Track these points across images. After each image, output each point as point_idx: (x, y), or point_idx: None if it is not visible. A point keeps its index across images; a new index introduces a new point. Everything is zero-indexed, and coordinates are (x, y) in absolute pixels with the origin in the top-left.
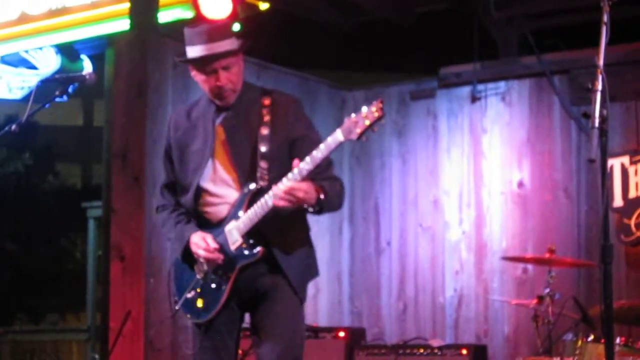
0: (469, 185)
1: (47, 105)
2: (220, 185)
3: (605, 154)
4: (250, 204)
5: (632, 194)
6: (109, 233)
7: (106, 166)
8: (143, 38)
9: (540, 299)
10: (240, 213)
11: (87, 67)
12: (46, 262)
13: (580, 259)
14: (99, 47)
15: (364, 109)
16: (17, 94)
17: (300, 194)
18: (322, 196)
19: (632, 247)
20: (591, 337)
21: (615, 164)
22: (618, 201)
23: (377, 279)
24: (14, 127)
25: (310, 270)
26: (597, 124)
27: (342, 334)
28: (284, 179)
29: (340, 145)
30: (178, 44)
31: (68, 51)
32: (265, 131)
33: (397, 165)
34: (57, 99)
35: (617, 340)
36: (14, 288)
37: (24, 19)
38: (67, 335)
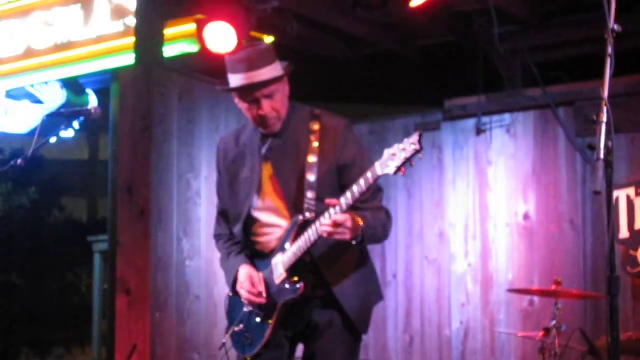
0: (474, 218)
1: (53, 140)
2: (269, 215)
3: (610, 186)
4: (297, 236)
5: (638, 225)
6: (114, 267)
7: (112, 200)
8: (148, 72)
9: (547, 331)
10: (287, 246)
11: (93, 101)
12: (52, 296)
13: (587, 290)
14: (104, 82)
15: (403, 141)
16: (23, 129)
17: (348, 224)
18: (362, 226)
19: (638, 279)
20: None
21: (620, 195)
22: (624, 233)
23: (384, 311)
24: (20, 161)
25: (371, 296)
26: (602, 156)
27: None
28: (326, 213)
29: (379, 179)
30: (183, 77)
31: (73, 85)
32: (312, 159)
33: (403, 198)
34: (63, 134)
35: None
36: (19, 322)
37: (29, 53)
38: None
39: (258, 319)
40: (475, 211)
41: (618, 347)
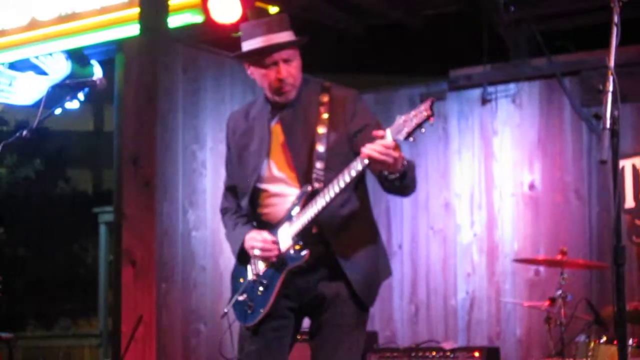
0: (480, 188)
1: (57, 111)
2: (278, 185)
3: (616, 155)
4: (305, 205)
5: None
6: (120, 238)
7: (117, 171)
8: (153, 43)
9: (553, 301)
10: (294, 214)
11: (97, 72)
12: (58, 268)
13: (592, 260)
14: (109, 53)
15: (415, 109)
16: (28, 100)
17: (394, 154)
18: (405, 162)
19: None
20: (604, 339)
21: (626, 165)
22: (629, 202)
23: (389, 282)
24: (25, 133)
25: (380, 272)
26: (608, 125)
27: None
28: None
29: None
30: (188, 48)
31: (78, 57)
32: (322, 130)
33: None
34: (68, 105)
35: (630, 341)
36: (25, 294)
37: (33, 25)
38: (79, 341)
39: (261, 288)
40: (480, 181)
41: (624, 317)
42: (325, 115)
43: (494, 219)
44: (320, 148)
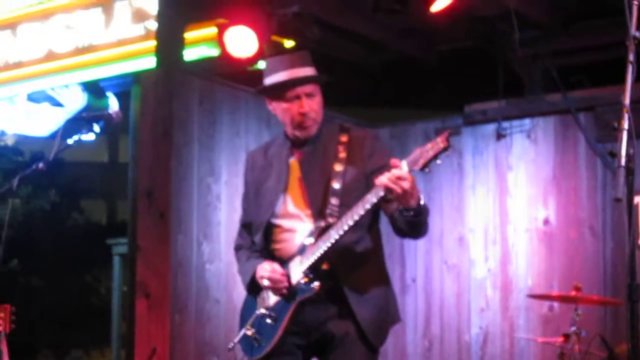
0: (494, 223)
1: (74, 143)
2: (292, 220)
3: (631, 193)
4: (318, 239)
5: None
6: (134, 270)
7: (132, 203)
8: (169, 76)
9: (567, 336)
10: (307, 248)
11: (113, 104)
12: (71, 298)
13: (606, 296)
14: (124, 85)
15: (432, 140)
16: (43, 131)
17: (407, 185)
18: (422, 202)
19: None
20: None
21: None
22: None
23: (403, 316)
24: (41, 165)
25: (390, 314)
26: (623, 163)
27: None
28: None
29: None
30: (203, 81)
31: (94, 89)
32: (339, 168)
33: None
34: (84, 137)
35: None
36: (39, 324)
37: (50, 56)
38: None
39: (270, 321)
40: (495, 216)
41: (638, 354)
42: (343, 154)
43: (508, 254)
44: (336, 185)
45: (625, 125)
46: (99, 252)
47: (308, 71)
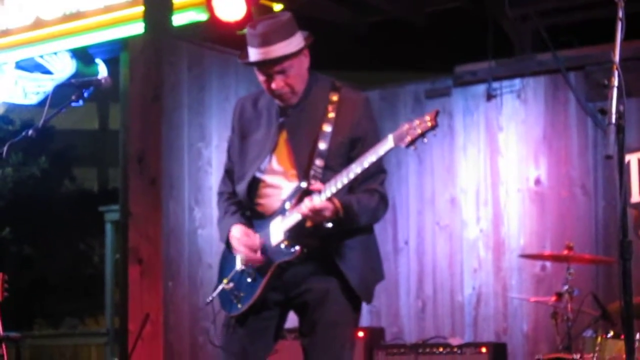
0: (485, 183)
1: (63, 110)
2: (276, 177)
3: (622, 150)
4: (299, 201)
5: None
6: (126, 236)
7: (123, 170)
8: (157, 41)
9: (559, 296)
10: (288, 209)
11: (102, 71)
12: (64, 266)
13: (599, 255)
14: (113, 51)
15: (419, 117)
16: (33, 99)
17: (328, 213)
18: (341, 214)
19: None
20: (611, 334)
21: (632, 159)
22: (635, 197)
23: (395, 278)
24: (31, 132)
25: (374, 271)
26: (613, 120)
27: (361, 334)
28: (314, 196)
29: (390, 152)
30: (192, 46)
31: (83, 55)
32: (327, 128)
33: (414, 164)
34: (73, 104)
35: (637, 336)
36: (32, 293)
37: (38, 24)
38: (86, 339)
39: (249, 279)
40: (486, 177)
41: (631, 311)
42: (332, 115)
43: (500, 215)
44: (322, 145)
45: (615, 82)
46: (92, 220)
47: (279, 49)
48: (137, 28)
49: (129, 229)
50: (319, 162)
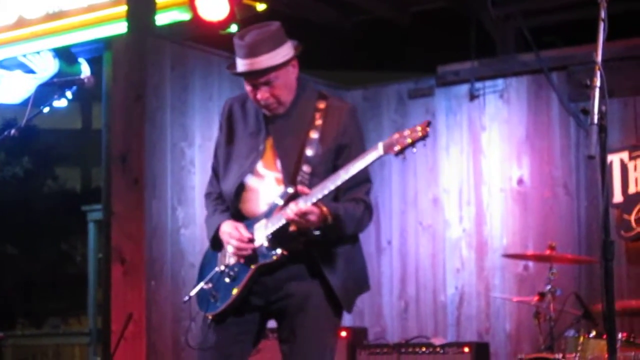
0: (468, 183)
1: (46, 110)
2: (262, 182)
3: (604, 150)
4: (285, 206)
5: (631, 189)
6: (109, 236)
7: (106, 169)
8: (140, 41)
9: (542, 295)
10: (274, 213)
11: (85, 70)
12: (47, 266)
13: (581, 255)
14: (96, 51)
15: (411, 127)
16: (16, 99)
17: (313, 218)
18: (329, 221)
19: (632, 243)
20: (593, 333)
21: (614, 159)
22: (618, 197)
23: (378, 278)
24: (13, 131)
25: (358, 280)
26: (596, 121)
27: (344, 333)
28: (300, 200)
29: (378, 159)
30: (175, 45)
31: (66, 55)
32: (314, 135)
33: (397, 164)
34: (56, 103)
35: (619, 335)
36: (15, 292)
37: (21, 23)
38: (69, 339)
39: (228, 280)
40: (469, 177)
41: (613, 311)
42: (319, 122)
43: (483, 215)
44: (309, 152)
45: (598, 82)
46: (74, 219)
47: (264, 61)
48: (120, 27)
49: (112, 229)
50: (306, 168)
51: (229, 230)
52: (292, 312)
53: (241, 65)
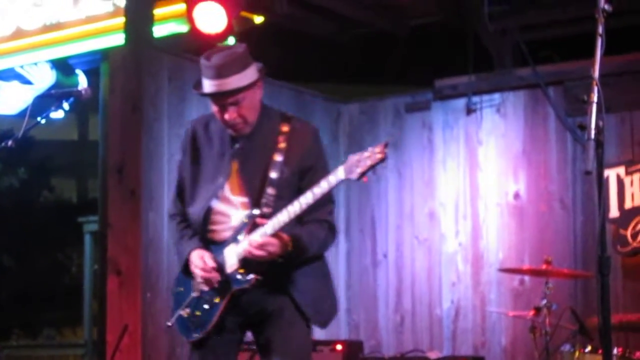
0: (465, 197)
1: (43, 121)
2: (228, 206)
3: (601, 166)
4: (252, 230)
5: (628, 204)
6: (105, 247)
7: (102, 180)
8: (138, 52)
9: (538, 310)
10: (241, 237)
11: (82, 81)
12: (42, 277)
13: (577, 269)
14: (93, 62)
15: (368, 149)
16: (12, 109)
17: (273, 249)
18: (289, 248)
19: (628, 258)
20: (589, 348)
21: (611, 174)
22: (614, 212)
23: (374, 291)
24: (10, 142)
25: (331, 300)
26: (593, 136)
27: (339, 347)
28: (260, 230)
29: (340, 184)
30: (173, 57)
31: (63, 66)
32: (278, 158)
33: (393, 178)
34: (53, 115)
35: (615, 351)
36: (10, 303)
37: (18, 34)
38: (64, 350)
39: (206, 306)
40: (465, 191)
41: (609, 327)
42: (283, 145)
43: (479, 229)
44: (274, 174)
45: (595, 98)
46: (70, 231)
47: (233, 82)
48: (118, 39)
49: (108, 240)
50: (270, 191)
51: (194, 260)
52: (268, 324)
53: (210, 86)
